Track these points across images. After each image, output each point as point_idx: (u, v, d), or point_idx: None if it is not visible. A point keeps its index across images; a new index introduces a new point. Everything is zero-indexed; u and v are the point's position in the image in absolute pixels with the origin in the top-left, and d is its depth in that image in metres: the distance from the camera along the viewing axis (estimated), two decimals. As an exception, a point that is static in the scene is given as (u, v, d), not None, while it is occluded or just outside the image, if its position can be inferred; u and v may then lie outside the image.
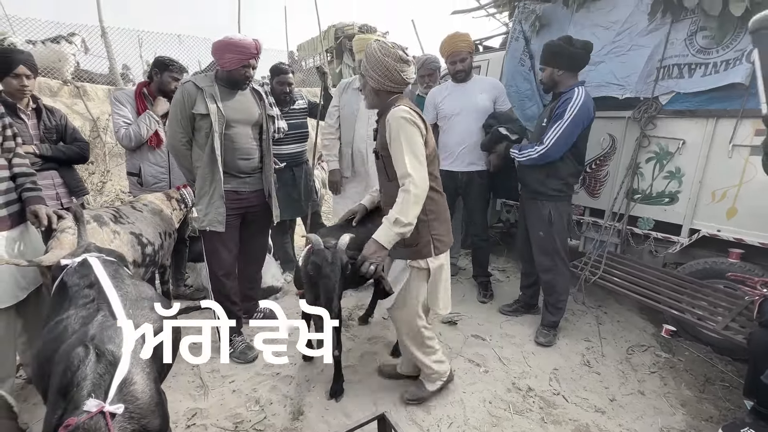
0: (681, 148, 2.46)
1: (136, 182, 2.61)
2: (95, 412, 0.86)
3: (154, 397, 1.04)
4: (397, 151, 1.56)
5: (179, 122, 2.06)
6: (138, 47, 6.93)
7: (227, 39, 2.01)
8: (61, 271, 1.32)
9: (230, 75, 2.08)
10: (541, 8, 3.02)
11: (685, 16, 2.36)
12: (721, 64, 2.24)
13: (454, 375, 2.15)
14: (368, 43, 1.68)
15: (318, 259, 1.52)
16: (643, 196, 2.66)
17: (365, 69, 1.68)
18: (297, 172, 3.16)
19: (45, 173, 2.22)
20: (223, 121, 2.07)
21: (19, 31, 5.79)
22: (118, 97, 2.55)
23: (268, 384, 2.13)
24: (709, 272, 2.39)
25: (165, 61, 2.54)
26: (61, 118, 2.35)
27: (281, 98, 3.00)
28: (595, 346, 2.50)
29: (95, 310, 1.12)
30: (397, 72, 1.61)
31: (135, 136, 2.46)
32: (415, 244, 1.69)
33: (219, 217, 2.13)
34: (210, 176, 2.10)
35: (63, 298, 1.22)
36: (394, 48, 1.61)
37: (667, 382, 2.18)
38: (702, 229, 2.39)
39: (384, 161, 1.69)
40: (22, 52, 2.11)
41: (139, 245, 2.01)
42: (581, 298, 2.91)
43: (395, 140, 1.56)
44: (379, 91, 1.68)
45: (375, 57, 1.62)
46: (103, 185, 4.96)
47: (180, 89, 2.07)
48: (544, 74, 2.37)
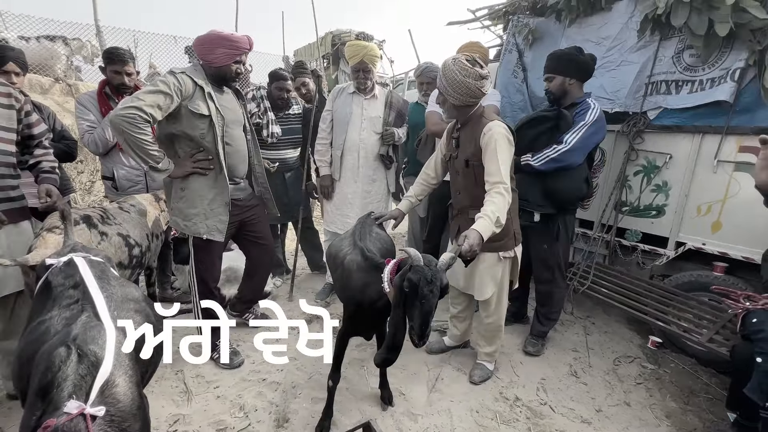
0: (668, 162, 2.51)
1: (111, 186, 2.53)
2: (75, 413, 0.83)
3: (136, 400, 1.01)
4: (492, 161, 1.75)
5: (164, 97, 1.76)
6: (134, 47, 6.90)
7: (216, 33, 1.90)
8: (46, 270, 1.30)
9: (219, 71, 1.95)
10: (534, 22, 3.08)
11: (672, 35, 2.42)
12: (706, 81, 2.30)
13: (442, 384, 2.14)
14: (445, 63, 1.80)
15: (416, 278, 1.34)
16: (631, 208, 2.70)
17: (444, 87, 1.81)
18: (288, 177, 3.15)
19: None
20: (222, 122, 1.97)
21: (11, 27, 5.73)
22: (81, 101, 2.42)
23: (253, 390, 2.10)
24: (694, 285, 2.42)
25: (108, 54, 2.34)
26: (49, 116, 2.31)
27: (278, 103, 3.01)
28: (582, 357, 2.51)
29: (79, 311, 1.10)
30: (477, 89, 1.77)
31: (101, 140, 2.34)
32: (503, 238, 1.92)
33: (220, 225, 2.03)
34: (212, 179, 1.98)
35: (46, 298, 1.19)
36: (473, 68, 1.74)
37: (653, 394, 2.19)
38: (688, 242, 2.44)
39: (474, 168, 1.88)
40: (12, 49, 2.08)
41: (126, 246, 1.98)
42: (570, 308, 2.93)
43: (492, 151, 1.75)
44: (460, 106, 1.85)
45: (455, 78, 1.75)
46: (92, 184, 4.90)
47: (176, 75, 1.82)
48: (552, 84, 2.27)
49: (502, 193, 1.69)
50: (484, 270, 2.02)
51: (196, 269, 2.13)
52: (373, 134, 2.80)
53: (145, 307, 1.30)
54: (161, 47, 6.89)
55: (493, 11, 3.60)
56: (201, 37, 1.92)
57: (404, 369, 2.30)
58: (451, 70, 1.76)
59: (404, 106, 2.94)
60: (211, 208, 2.00)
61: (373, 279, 1.59)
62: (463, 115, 1.91)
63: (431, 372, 2.30)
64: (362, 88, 2.74)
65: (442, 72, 1.80)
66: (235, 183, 2.11)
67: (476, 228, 1.56)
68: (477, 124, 1.86)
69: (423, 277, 1.33)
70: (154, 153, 1.81)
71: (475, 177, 1.90)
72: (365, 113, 2.78)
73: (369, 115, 2.78)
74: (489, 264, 2.01)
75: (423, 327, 1.35)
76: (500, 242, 1.94)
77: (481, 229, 1.56)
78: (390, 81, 8.70)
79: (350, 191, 2.88)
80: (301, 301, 1.59)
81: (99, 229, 1.89)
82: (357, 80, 2.73)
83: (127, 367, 1.04)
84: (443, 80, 1.80)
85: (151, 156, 1.80)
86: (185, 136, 1.92)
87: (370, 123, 2.79)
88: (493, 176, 1.74)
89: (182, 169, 1.93)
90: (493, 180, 1.73)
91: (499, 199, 1.68)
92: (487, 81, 1.79)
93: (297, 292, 3.22)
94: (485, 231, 1.57)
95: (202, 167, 1.95)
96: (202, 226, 2.00)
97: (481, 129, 1.81)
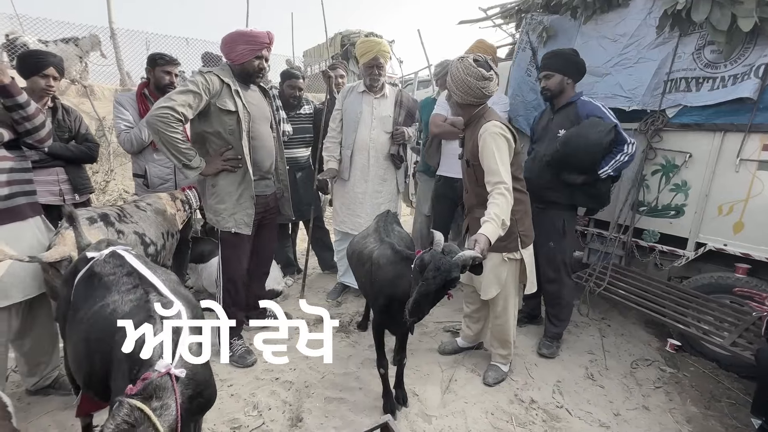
0: (687, 161, 2.45)
1: (142, 184, 2.61)
2: (164, 372, 0.96)
3: (208, 368, 1.15)
4: (490, 160, 1.76)
5: (194, 96, 1.83)
6: (146, 50, 7.00)
7: (237, 31, 1.96)
8: (86, 263, 1.35)
9: (243, 68, 2.01)
10: (548, 19, 3.04)
11: (693, 31, 2.37)
12: (728, 78, 2.24)
13: (455, 385, 2.12)
14: (452, 62, 1.88)
15: (427, 259, 1.38)
16: (648, 208, 2.64)
17: (449, 85, 1.88)
18: (300, 176, 3.16)
19: (50, 169, 2.26)
20: (248, 118, 2.01)
21: (29, 30, 5.86)
22: (120, 101, 2.55)
23: (267, 389, 2.10)
24: (715, 287, 2.36)
25: (154, 58, 2.51)
26: (76, 118, 2.41)
27: (289, 102, 3.01)
28: (598, 359, 2.46)
29: (145, 293, 1.19)
30: (479, 89, 1.80)
31: (136, 140, 2.45)
32: (506, 239, 1.88)
33: (247, 219, 2.08)
34: (240, 176, 2.04)
35: (96, 287, 1.26)
36: (476, 67, 1.77)
37: (673, 398, 2.14)
38: (708, 243, 2.37)
39: (474, 169, 1.90)
40: (54, 56, 2.21)
41: (142, 245, 2.00)
42: (585, 310, 2.88)
43: (489, 151, 1.76)
44: (463, 105, 1.90)
45: (458, 76, 1.81)
46: (106, 184, 4.97)
47: (204, 75, 1.89)
48: (550, 81, 2.32)
49: (503, 193, 1.70)
50: (488, 270, 1.99)
51: (223, 264, 2.18)
52: (383, 133, 2.78)
53: (186, 291, 1.39)
54: (174, 49, 6.97)
55: (505, 9, 3.56)
56: (224, 36, 1.98)
57: (417, 370, 2.28)
58: (456, 68, 1.82)
59: (414, 106, 2.92)
60: (239, 203, 2.06)
61: (404, 271, 1.65)
62: (467, 114, 1.94)
63: (445, 373, 2.28)
64: (375, 85, 2.73)
65: (449, 69, 1.88)
66: (261, 178, 2.15)
67: (484, 232, 1.58)
68: (477, 124, 1.88)
69: (434, 262, 1.38)
70: (186, 151, 1.88)
71: (476, 177, 1.92)
72: (375, 112, 2.77)
73: (379, 115, 2.77)
74: (493, 264, 2.00)
75: (414, 305, 1.40)
76: (503, 243, 1.91)
77: (489, 233, 1.59)
78: (399, 81, 8.70)
79: (360, 191, 2.87)
80: (301, 301, 1.61)
81: (116, 227, 1.91)
82: (371, 77, 2.72)
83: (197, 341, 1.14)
84: (449, 77, 1.87)
85: (184, 154, 1.88)
86: (215, 134, 1.98)
87: (380, 122, 2.77)
88: (494, 176, 1.75)
89: (213, 166, 2.00)
90: (494, 180, 1.74)
91: (501, 200, 1.69)
92: (490, 82, 1.80)
93: (308, 291, 3.22)
94: (492, 234, 1.60)
95: (231, 165, 2.01)
96: (230, 221, 2.06)
97: (479, 129, 1.84)
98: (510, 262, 2.00)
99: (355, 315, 2.87)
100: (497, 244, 1.87)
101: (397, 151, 2.84)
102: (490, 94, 1.84)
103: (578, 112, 2.28)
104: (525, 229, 2.01)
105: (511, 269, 2.03)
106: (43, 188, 2.20)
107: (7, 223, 1.61)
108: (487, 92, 1.82)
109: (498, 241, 1.81)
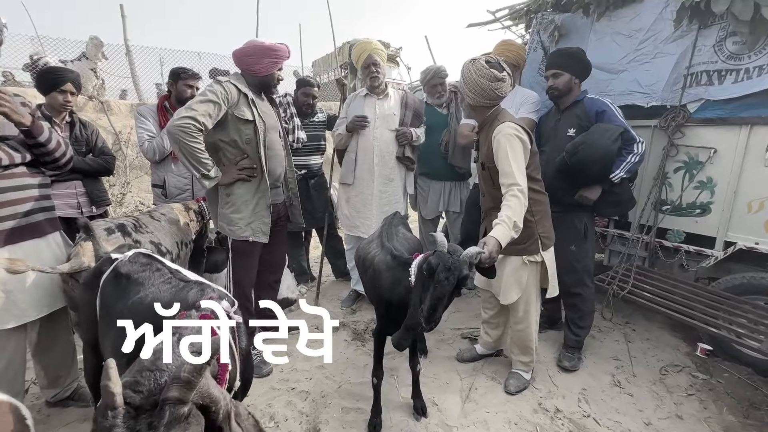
0: (712, 157, 2.36)
1: (161, 194, 2.65)
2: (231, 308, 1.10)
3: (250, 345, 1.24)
4: (504, 162, 1.72)
5: (213, 106, 1.83)
6: (160, 65, 7.18)
7: (260, 43, 1.98)
8: (110, 264, 1.36)
9: (264, 80, 2.05)
10: (560, 18, 2.99)
11: (713, 22, 2.29)
12: (753, 69, 2.16)
13: (476, 394, 2.05)
14: (464, 63, 1.84)
15: (435, 261, 1.35)
16: (672, 207, 2.54)
17: (461, 87, 1.86)
18: (312, 184, 3.15)
19: (69, 183, 2.30)
20: (264, 127, 2.03)
21: (49, 50, 6.07)
22: (142, 112, 2.62)
23: (283, 399, 2.06)
24: (747, 288, 2.25)
25: (177, 72, 2.59)
26: (93, 132, 2.46)
27: (303, 109, 3.03)
28: (625, 366, 2.36)
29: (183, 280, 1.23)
30: (492, 90, 1.77)
31: (158, 149, 2.51)
32: (525, 241, 1.85)
33: (264, 227, 2.09)
34: (255, 185, 2.04)
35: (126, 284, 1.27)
36: (488, 68, 1.75)
37: (707, 406, 2.03)
38: (738, 241, 2.27)
39: (490, 171, 1.87)
40: (71, 72, 2.28)
41: (158, 254, 2.00)
42: (608, 314, 2.78)
43: (504, 152, 1.72)
44: (475, 107, 1.87)
45: (470, 78, 1.79)
46: (123, 197, 5.07)
47: (222, 84, 1.88)
48: (559, 80, 2.26)
49: (516, 195, 1.66)
50: (508, 273, 1.96)
51: (233, 273, 2.17)
52: (387, 131, 2.77)
53: None
54: (187, 63, 7.12)
55: (514, 11, 3.53)
56: (245, 49, 1.99)
57: (435, 378, 2.22)
58: (468, 69, 1.80)
59: (420, 106, 2.89)
60: (255, 211, 2.06)
61: (401, 276, 1.62)
62: (480, 116, 1.91)
63: (464, 381, 2.21)
64: (375, 84, 2.73)
65: (460, 71, 1.85)
66: (272, 186, 2.16)
67: (494, 235, 1.54)
68: (491, 126, 1.84)
69: (443, 263, 1.34)
70: (206, 161, 1.89)
71: (492, 179, 1.88)
72: (378, 111, 2.77)
73: (383, 114, 2.77)
74: (513, 267, 1.95)
75: (431, 311, 1.35)
76: (522, 245, 1.87)
77: (499, 236, 1.54)
78: (408, 87, 8.71)
79: (368, 192, 2.84)
80: (301, 301, 1.59)
81: (133, 237, 1.92)
82: (369, 76, 2.72)
83: None
84: (461, 79, 1.85)
85: (203, 164, 1.88)
86: (231, 142, 1.98)
87: (383, 121, 2.76)
88: (507, 178, 1.71)
89: (229, 176, 1.99)
90: (508, 182, 1.71)
91: (514, 202, 1.65)
92: (503, 83, 1.77)
93: (322, 299, 3.19)
94: (503, 237, 1.55)
95: (247, 174, 2.01)
96: (247, 230, 2.05)
97: (493, 131, 1.80)
98: (531, 265, 1.94)
99: (370, 322, 2.82)
100: (517, 247, 1.84)
101: (403, 153, 2.81)
102: (503, 95, 1.81)
103: (587, 110, 2.22)
104: (545, 231, 1.95)
105: (532, 272, 1.96)
106: (61, 201, 2.23)
107: (27, 239, 1.62)
108: (500, 93, 1.79)
109: (517, 244, 1.76)
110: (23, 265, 1.40)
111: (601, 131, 2.11)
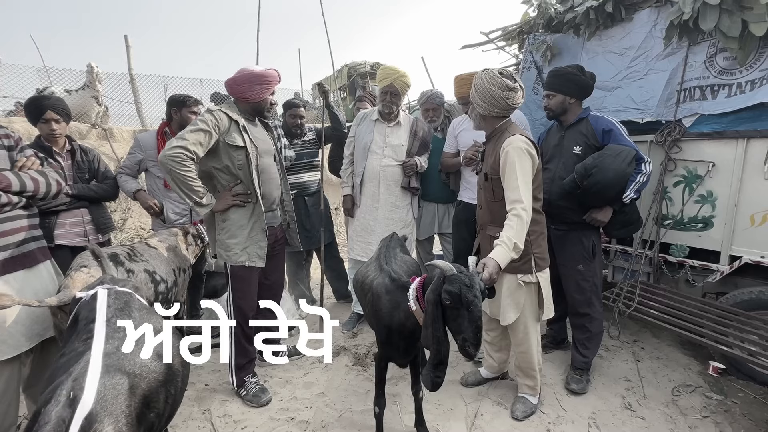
0: (711, 170, 2.35)
1: (159, 220, 2.64)
2: None
3: None
4: (511, 177, 1.70)
5: (204, 135, 1.86)
6: (163, 92, 7.33)
7: (250, 71, 2.02)
8: (76, 304, 1.32)
9: (256, 105, 2.08)
10: (551, 38, 3.05)
11: (702, 39, 2.33)
12: (746, 84, 2.17)
13: (482, 420, 1.97)
14: (477, 73, 1.84)
15: (455, 287, 1.30)
16: (674, 221, 2.52)
17: (473, 96, 1.85)
18: (309, 201, 3.15)
19: (75, 211, 2.29)
20: (256, 152, 2.05)
21: (55, 81, 6.22)
22: (139, 139, 2.64)
23: (282, 430, 1.99)
24: (756, 303, 2.19)
25: (180, 99, 2.62)
26: (95, 158, 2.46)
27: (292, 131, 3.05)
28: (635, 387, 2.28)
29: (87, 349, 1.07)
30: (504, 99, 1.76)
31: (123, 188, 2.55)
32: (518, 260, 1.77)
33: (260, 251, 2.08)
34: (250, 210, 2.05)
35: (73, 331, 1.21)
36: (501, 77, 1.75)
37: (723, 429, 1.95)
38: (743, 255, 2.23)
39: (492, 182, 1.85)
40: (48, 98, 2.22)
41: (152, 283, 1.98)
42: (615, 332, 2.71)
43: (510, 167, 1.71)
44: (486, 116, 1.86)
45: (482, 86, 1.78)
46: (123, 222, 5.07)
47: (213, 113, 1.91)
48: (552, 101, 2.24)
49: (519, 215, 1.64)
50: (504, 293, 1.93)
51: (233, 298, 2.15)
52: (394, 162, 2.76)
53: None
54: (189, 89, 7.28)
55: (507, 32, 3.61)
56: (236, 78, 2.03)
57: (439, 405, 2.15)
58: (480, 78, 1.80)
59: (429, 135, 2.86)
60: (250, 236, 2.06)
61: (401, 300, 1.59)
62: (489, 127, 1.90)
63: (469, 407, 2.14)
64: (387, 112, 2.73)
65: (473, 81, 1.85)
66: (268, 210, 2.16)
67: (494, 256, 1.53)
68: (500, 138, 1.83)
69: (462, 284, 1.30)
70: (198, 189, 1.89)
71: (493, 191, 1.87)
72: (387, 140, 2.76)
73: (391, 143, 2.76)
74: (509, 287, 1.92)
75: (478, 334, 1.32)
76: (516, 264, 1.80)
77: (499, 258, 1.53)
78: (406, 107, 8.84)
79: (371, 218, 2.83)
80: (301, 301, 1.57)
81: (126, 267, 1.89)
82: (383, 103, 2.73)
83: (120, 414, 0.97)
84: (473, 89, 1.84)
85: (195, 192, 1.88)
86: (224, 168, 2.00)
87: (392, 151, 2.76)
88: (512, 193, 1.70)
89: (223, 202, 2.01)
90: (512, 198, 1.70)
91: (515, 222, 1.63)
92: (515, 93, 1.77)
93: (323, 322, 3.13)
94: (503, 259, 1.54)
95: (241, 199, 2.02)
96: (243, 255, 2.05)
97: (502, 143, 1.79)
98: (527, 286, 1.91)
99: (372, 346, 2.76)
100: (511, 265, 1.77)
101: (408, 184, 2.80)
102: (514, 105, 1.80)
103: (593, 128, 2.19)
104: (540, 252, 1.90)
105: (529, 294, 1.92)
106: (69, 230, 2.24)
107: (19, 269, 1.60)
108: (512, 103, 1.78)
109: (512, 261, 1.72)
110: (9, 300, 1.37)
111: (614, 154, 2.04)
